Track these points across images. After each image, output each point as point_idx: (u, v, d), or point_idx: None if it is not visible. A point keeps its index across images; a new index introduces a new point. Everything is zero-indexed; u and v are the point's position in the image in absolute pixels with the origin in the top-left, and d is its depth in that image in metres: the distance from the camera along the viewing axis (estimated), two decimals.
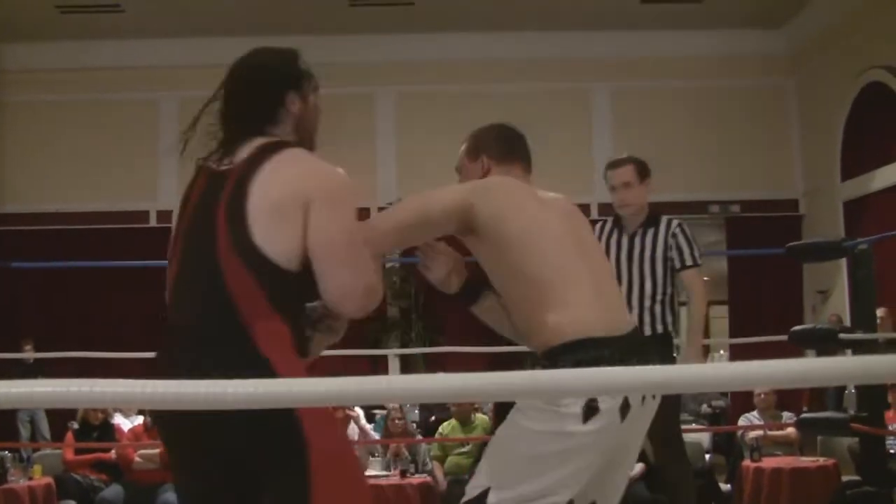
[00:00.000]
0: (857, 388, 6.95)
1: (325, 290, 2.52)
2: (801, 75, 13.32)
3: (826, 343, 6.04)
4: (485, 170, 3.12)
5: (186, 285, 2.56)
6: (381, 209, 13.40)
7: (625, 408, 2.62)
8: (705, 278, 18.65)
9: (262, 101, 2.71)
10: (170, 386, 1.44)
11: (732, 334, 12.79)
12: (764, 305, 11.36)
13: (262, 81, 2.74)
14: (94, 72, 13.42)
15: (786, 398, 9.53)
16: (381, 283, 2.61)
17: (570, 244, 2.88)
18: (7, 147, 13.76)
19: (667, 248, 5.12)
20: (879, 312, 8.83)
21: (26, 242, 12.96)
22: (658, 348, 4.83)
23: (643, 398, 2.67)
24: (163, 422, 2.56)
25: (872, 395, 6.39)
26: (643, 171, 4.96)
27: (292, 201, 2.49)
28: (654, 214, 5.26)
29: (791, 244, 6.48)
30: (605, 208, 13.65)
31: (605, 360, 2.61)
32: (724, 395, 12.58)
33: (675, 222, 5.23)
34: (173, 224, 2.73)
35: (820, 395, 10.49)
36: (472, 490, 2.72)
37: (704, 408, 11.30)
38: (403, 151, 13.67)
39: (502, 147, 3.17)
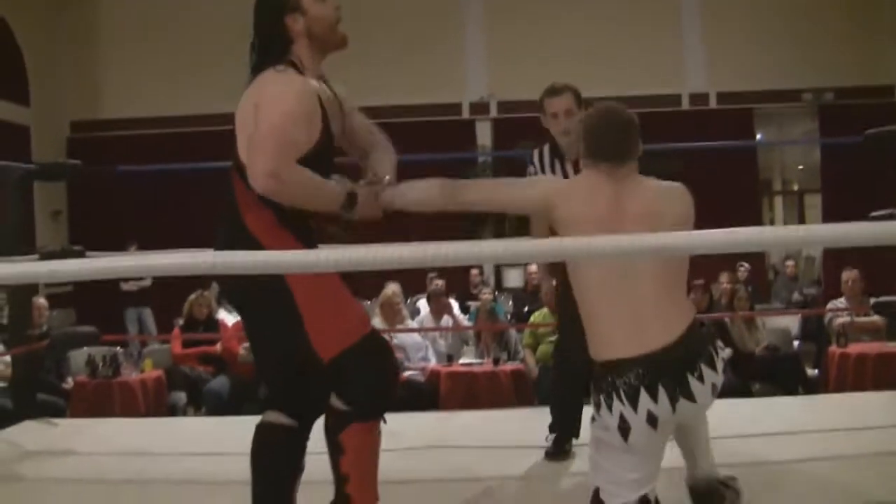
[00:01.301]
0: None
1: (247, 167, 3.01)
2: None
3: None
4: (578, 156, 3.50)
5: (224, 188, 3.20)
6: (471, 104, 13.61)
7: (651, 419, 2.94)
8: (799, 167, 18.45)
9: (268, 31, 3.16)
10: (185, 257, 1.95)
11: (826, 221, 12.72)
12: (858, 194, 11.22)
13: (262, 14, 3.18)
14: None
15: (881, 286, 9.47)
16: (287, 173, 2.93)
17: (613, 275, 3.04)
18: (106, 57, 14.13)
19: None
20: None
21: (127, 146, 13.40)
22: None
23: (673, 406, 2.95)
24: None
25: None
26: (580, 98, 4.96)
27: (246, 115, 3.02)
28: None
29: (868, 131, 6.39)
30: (697, 99, 13.70)
31: (635, 377, 2.94)
32: (816, 282, 12.59)
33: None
34: None
35: None
36: (591, 493, 3.12)
37: (796, 295, 11.32)
38: (492, 47, 13.67)
39: (593, 144, 3.21)
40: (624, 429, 2.95)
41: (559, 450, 4.95)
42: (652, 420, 2.94)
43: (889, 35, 13.07)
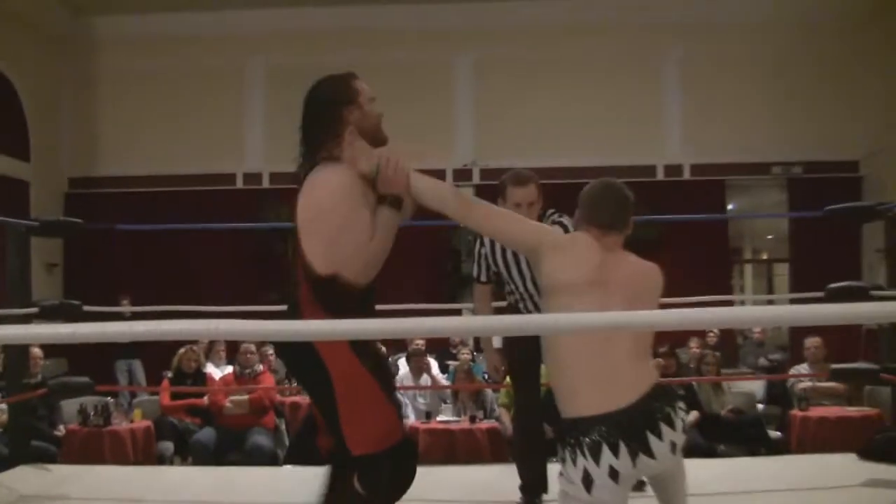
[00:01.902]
0: (886, 340, 7.22)
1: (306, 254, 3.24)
2: (864, 40, 13.48)
3: (858, 300, 6.30)
4: (577, 222, 3.58)
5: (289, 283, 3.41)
6: (455, 170, 13.93)
7: (613, 474, 3.15)
8: (769, 237, 18.74)
9: (323, 120, 3.37)
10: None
11: (793, 290, 13.13)
12: (824, 263, 11.58)
13: (319, 103, 3.41)
14: (183, 40, 14.13)
15: (844, 352, 9.74)
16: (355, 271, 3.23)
17: (599, 335, 3.24)
18: (102, 113, 14.47)
19: None
20: None
21: (122, 203, 13.72)
22: None
23: (634, 462, 3.16)
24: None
25: None
26: (540, 188, 5.08)
27: (313, 214, 3.25)
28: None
29: (829, 207, 6.79)
30: (672, 170, 14.11)
31: (599, 434, 3.15)
32: (782, 349, 12.92)
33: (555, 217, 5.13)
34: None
35: (876, 348, 10.74)
36: None
37: (762, 360, 11.61)
38: (480, 115, 14.04)
39: (589, 209, 3.49)
40: (587, 482, 3.15)
41: None
42: (613, 475, 3.13)
43: (854, 113, 13.52)
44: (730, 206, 14.55)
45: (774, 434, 9.35)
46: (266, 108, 13.99)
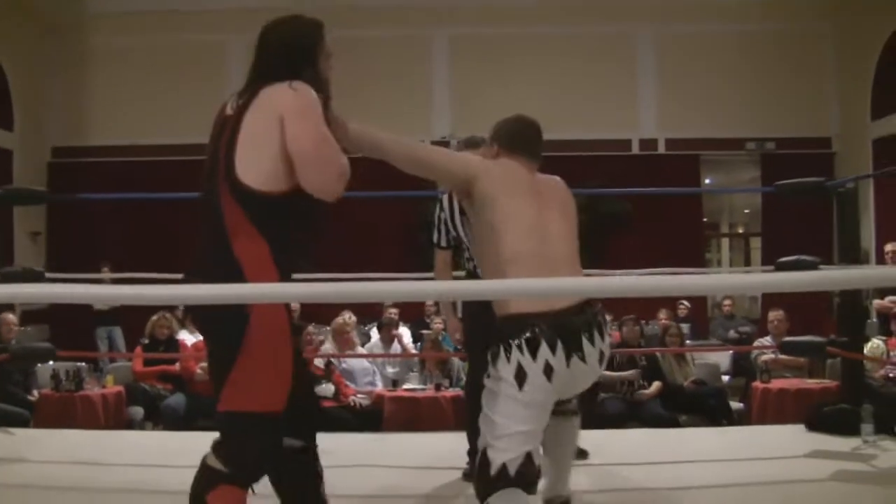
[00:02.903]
0: (839, 314, 7.36)
1: (306, 185, 3.01)
2: (837, 19, 13.61)
3: None
4: (495, 154, 3.78)
5: (203, 209, 3.14)
6: (433, 142, 13.99)
7: (548, 370, 3.25)
8: (745, 211, 18.93)
9: (279, 63, 3.20)
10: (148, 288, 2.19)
11: (765, 264, 13.26)
12: (796, 238, 11.69)
13: (280, 49, 3.24)
14: (168, 15, 14.23)
15: (811, 326, 9.85)
16: (348, 168, 3.05)
17: (533, 241, 3.44)
18: (86, 85, 14.55)
19: None
20: (890, 247, 9.27)
21: (106, 172, 13.83)
22: None
23: (568, 362, 3.27)
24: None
25: (854, 322, 6.94)
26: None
27: (266, 127, 3.02)
28: None
29: (778, 183, 6.89)
30: (647, 144, 14.21)
31: (539, 331, 3.24)
32: (753, 322, 13.07)
33: None
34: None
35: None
36: (478, 455, 3.35)
37: (731, 333, 11.74)
38: (456, 92, 14.12)
39: (510, 139, 3.77)
40: (520, 377, 3.22)
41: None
42: (548, 371, 3.23)
43: (827, 91, 13.67)
44: (706, 181, 14.67)
45: (737, 405, 9.47)
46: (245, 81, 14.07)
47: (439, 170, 3.63)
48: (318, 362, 8.69)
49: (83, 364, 9.14)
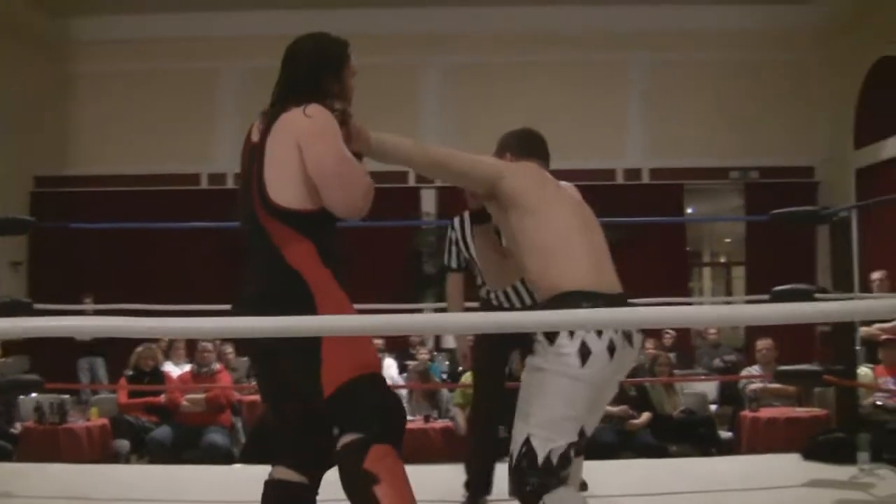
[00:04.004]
0: (832, 343, 7.37)
1: (329, 205, 3.09)
2: (820, 49, 13.70)
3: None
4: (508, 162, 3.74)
5: (248, 237, 3.21)
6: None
7: (611, 348, 3.17)
8: (727, 240, 19.04)
9: (307, 77, 3.25)
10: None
11: (749, 293, 13.31)
12: (779, 267, 11.71)
13: (309, 64, 3.28)
14: (156, 43, 14.11)
15: (798, 355, 9.86)
16: (371, 185, 3.12)
17: (575, 223, 3.44)
18: (74, 114, 14.47)
19: None
20: (877, 275, 9.30)
21: (89, 202, 13.74)
22: None
23: (624, 343, 3.21)
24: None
25: (846, 350, 6.95)
26: None
27: (287, 153, 3.08)
28: None
29: (774, 211, 6.91)
30: (631, 174, 14.25)
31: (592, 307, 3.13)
32: (738, 350, 13.08)
33: None
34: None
35: (829, 351, 10.91)
36: (516, 443, 3.24)
37: (717, 362, 11.74)
38: (445, 121, 14.11)
39: (522, 146, 3.78)
40: (584, 353, 3.14)
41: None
42: (611, 348, 3.16)
43: (810, 120, 13.71)
44: (689, 210, 14.71)
45: (726, 434, 9.46)
46: (236, 110, 14.08)
47: (463, 173, 3.56)
48: None
49: (67, 396, 9.04)
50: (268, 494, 3.21)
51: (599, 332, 3.15)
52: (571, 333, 3.16)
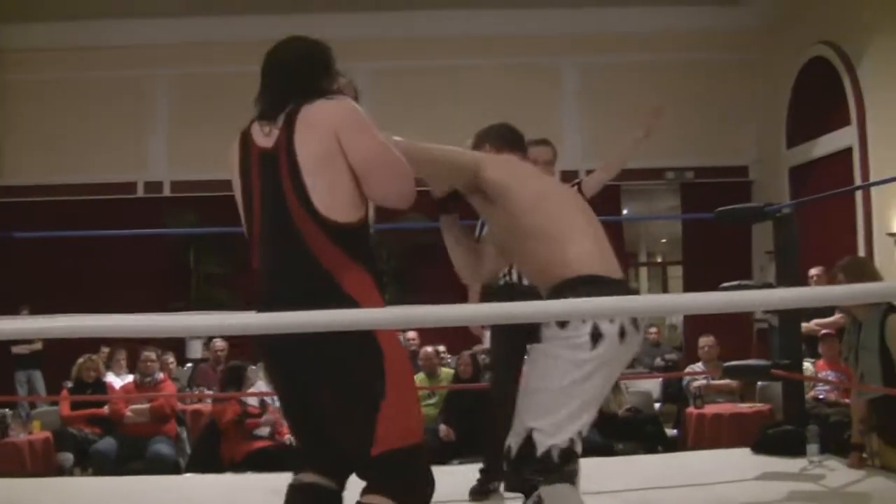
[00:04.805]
0: (780, 337, 7.48)
1: (379, 196, 3.00)
2: (753, 50, 13.96)
3: None
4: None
5: (271, 248, 3.02)
6: None
7: (622, 332, 3.12)
8: (663, 240, 19.11)
9: (301, 78, 3.13)
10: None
11: (687, 290, 13.44)
12: (716, 265, 11.85)
13: (299, 65, 3.18)
14: (88, 50, 13.91)
15: (736, 352, 10.00)
16: (412, 170, 3.03)
17: (572, 208, 3.42)
18: (6, 123, 14.20)
19: None
20: (815, 271, 9.44)
21: (23, 213, 13.47)
22: None
23: (634, 328, 3.16)
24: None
25: (793, 345, 7.06)
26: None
27: (326, 148, 2.93)
28: None
29: (719, 209, 7.03)
30: (569, 176, 14.24)
31: (605, 293, 3.05)
32: (677, 349, 13.25)
33: None
34: (238, 194, 3.16)
35: (767, 347, 11.12)
36: (516, 438, 3.20)
37: (658, 360, 11.85)
38: (377, 123, 13.99)
39: (503, 139, 3.74)
40: (596, 337, 3.07)
41: (483, 489, 5.37)
42: (622, 333, 3.11)
43: (743, 120, 13.97)
44: (625, 211, 14.83)
45: (671, 432, 9.56)
46: (170, 117, 13.94)
47: (451, 163, 3.45)
48: (253, 401, 8.53)
49: (7, 410, 8.86)
50: (292, 498, 3.13)
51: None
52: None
